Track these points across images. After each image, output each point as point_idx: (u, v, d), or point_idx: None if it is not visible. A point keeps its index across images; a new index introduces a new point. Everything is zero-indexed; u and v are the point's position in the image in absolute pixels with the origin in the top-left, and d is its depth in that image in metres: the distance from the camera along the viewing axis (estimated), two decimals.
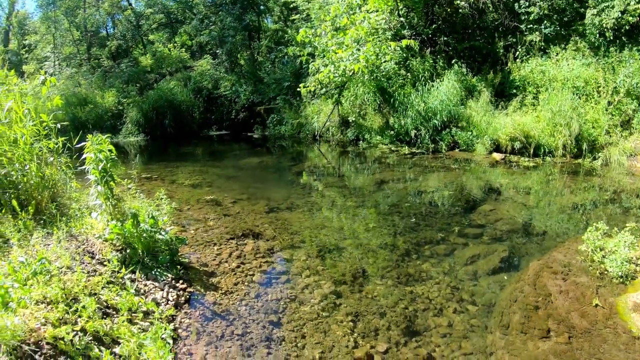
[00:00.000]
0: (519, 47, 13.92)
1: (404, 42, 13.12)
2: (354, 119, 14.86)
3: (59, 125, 5.38)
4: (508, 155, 11.36)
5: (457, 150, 12.38)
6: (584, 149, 10.64)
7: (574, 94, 11.14)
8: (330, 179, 10.53)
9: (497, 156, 11.26)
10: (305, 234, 6.35)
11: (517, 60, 13.79)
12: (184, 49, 26.08)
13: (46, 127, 5.24)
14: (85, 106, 18.74)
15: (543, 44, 13.60)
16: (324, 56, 14.20)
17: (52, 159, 5.34)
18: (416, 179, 9.74)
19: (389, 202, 7.98)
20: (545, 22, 13.72)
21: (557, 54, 12.88)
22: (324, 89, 15.60)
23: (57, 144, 5.32)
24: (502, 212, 7.20)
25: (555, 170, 9.96)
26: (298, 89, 15.08)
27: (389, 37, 14.12)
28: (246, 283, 4.87)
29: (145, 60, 24.11)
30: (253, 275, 5.06)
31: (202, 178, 10.05)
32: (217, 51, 24.10)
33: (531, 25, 13.97)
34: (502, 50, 14.37)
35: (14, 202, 4.62)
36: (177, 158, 14.05)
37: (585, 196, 8.07)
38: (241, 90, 20.04)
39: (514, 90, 12.99)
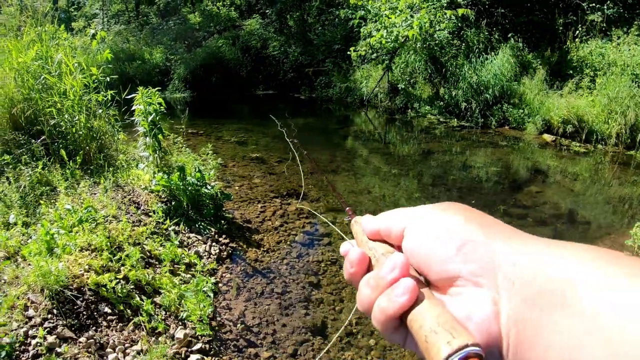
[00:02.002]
0: (579, 26, 13.03)
1: (460, 11, 12.48)
2: (403, 86, 14.39)
3: (107, 79, 5.40)
4: (559, 138, 10.73)
5: (507, 127, 11.82)
6: (638, 140, 9.91)
7: (633, 82, 10.34)
8: (376, 145, 10.32)
9: (547, 137, 10.70)
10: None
11: (577, 40, 12.89)
12: (232, 8, 25.86)
13: (95, 81, 5.27)
14: (133, 62, 18.88)
15: (605, 25, 12.68)
16: (377, 20, 13.72)
17: (100, 111, 5.38)
18: (463, 153, 9.41)
19: (434, 174, 7.75)
20: (609, 2, 12.80)
21: (619, 37, 11.95)
22: (374, 54, 15.14)
23: (105, 96, 5.34)
24: (548, 195, 6.86)
25: (605, 159, 9.38)
26: (348, 53, 14.68)
27: (444, 4, 13.51)
28: (288, 242, 4.82)
29: (193, 18, 24.06)
30: (296, 235, 5.00)
31: (248, 136, 10.02)
32: (267, 11, 23.78)
33: (593, 4, 13.06)
34: (561, 28, 13.50)
35: (62, 152, 4.68)
36: (223, 115, 14.06)
37: (634, 190, 7.56)
38: (290, 51, 19.74)
39: (571, 71, 12.17)
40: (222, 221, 4.94)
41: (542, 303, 0.39)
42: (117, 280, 3.18)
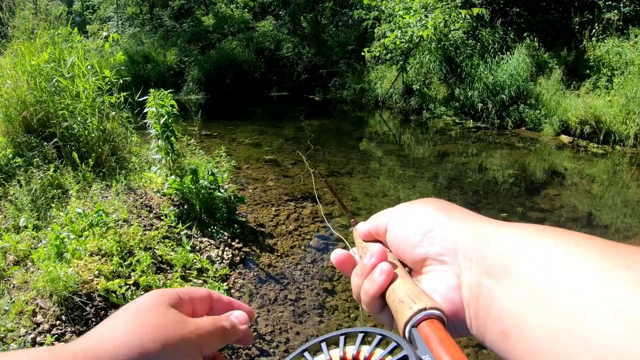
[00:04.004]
0: (596, 24, 12.77)
1: (475, 10, 12.33)
2: (418, 87, 14.24)
3: (120, 81, 5.35)
4: (576, 139, 10.52)
5: (523, 128, 11.63)
6: None
7: None
8: (391, 146, 10.20)
9: (564, 138, 10.48)
10: (364, 201, 6.13)
11: (593, 39, 12.65)
12: (246, 10, 25.87)
13: (108, 83, 5.23)
14: (147, 64, 18.97)
15: (621, 23, 12.42)
16: (391, 21, 13.62)
17: (113, 113, 5.33)
18: (479, 155, 9.25)
19: (449, 176, 7.61)
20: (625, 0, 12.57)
21: (636, 35, 11.71)
22: (389, 55, 15.02)
23: (118, 99, 5.29)
24: (566, 198, 6.68)
25: (624, 161, 9.14)
26: (362, 54, 14.58)
27: (459, 4, 13.35)
28: (303, 247, 4.73)
29: (207, 20, 24.12)
30: (310, 239, 4.91)
31: (262, 137, 9.96)
32: (280, 12, 23.78)
33: (610, 2, 12.81)
34: (577, 27, 13.26)
35: (74, 154, 4.63)
36: (237, 117, 14.02)
37: None
38: (303, 52, 19.72)
39: (587, 71, 11.96)
40: (235, 225, 4.86)
41: (493, 274, 0.46)
42: (127, 286, 3.11)
